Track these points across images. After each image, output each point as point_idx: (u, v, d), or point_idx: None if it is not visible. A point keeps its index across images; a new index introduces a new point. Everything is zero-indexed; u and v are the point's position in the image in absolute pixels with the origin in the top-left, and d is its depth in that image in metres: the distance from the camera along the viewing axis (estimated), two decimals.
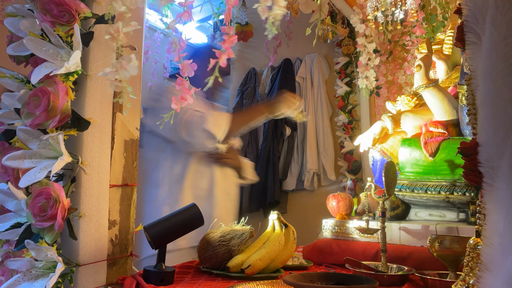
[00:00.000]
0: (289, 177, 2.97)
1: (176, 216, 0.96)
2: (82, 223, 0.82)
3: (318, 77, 2.96)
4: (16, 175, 0.80)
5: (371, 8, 1.40)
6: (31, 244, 0.74)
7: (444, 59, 1.52)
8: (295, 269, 1.17)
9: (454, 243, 0.91)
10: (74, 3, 0.79)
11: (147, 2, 1.36)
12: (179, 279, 0.99)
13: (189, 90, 0.78)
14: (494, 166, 0.60)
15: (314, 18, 0.91)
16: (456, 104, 1.30)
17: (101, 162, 0.86)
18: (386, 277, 0.96)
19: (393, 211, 1.31)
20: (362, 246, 1.22)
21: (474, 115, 0.68)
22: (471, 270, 0.68)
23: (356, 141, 1.52)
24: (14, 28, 0.86)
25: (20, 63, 0.88)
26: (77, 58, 0.76)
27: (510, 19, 0.59)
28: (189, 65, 0.75)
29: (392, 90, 2.32)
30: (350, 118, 2.78)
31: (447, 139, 1.25)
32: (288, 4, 2.35)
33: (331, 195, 1.45)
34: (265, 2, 0.72)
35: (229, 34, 0.75)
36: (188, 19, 0.75)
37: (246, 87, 3.31)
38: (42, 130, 0.78)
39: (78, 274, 0.80)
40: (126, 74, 0.74)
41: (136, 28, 0.78)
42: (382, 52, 2.32)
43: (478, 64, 0.64)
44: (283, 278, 0.82)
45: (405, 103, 1.55)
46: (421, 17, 1.51)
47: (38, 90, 0.75)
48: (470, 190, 1.14)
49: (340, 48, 2.85)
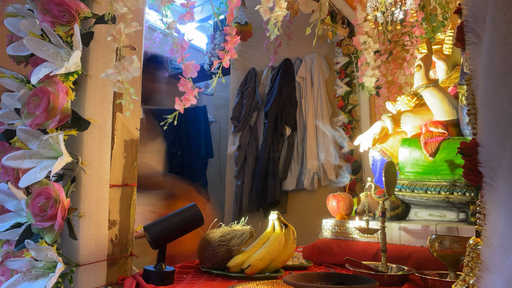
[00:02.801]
0: (289, 177, 2.97)
1: (176, 216, 0.96)
2: (82, 223, 0.81)
3: (318, 77, 2.96)
4: (16, 175, 0.80)
5: (371, 8, 1.40)
6: (31, 244, 0.74)
7: (444, 59, 1.52)
8: (295, 269, 1.17)
9: (454, 243, 0.91)
10: (74, 3, 0.79)
11: (147, 2, 1.36)
12: (179, 279, 0.99)
13: (192, 91, 0.78)
14: (494, 166, 0.60)
15: (314, 18, 0.91)
16: (456, 104, 1.29)
17: (101, 162, 0.86)
18: (386, 277, 0.96)
19: (393, 211, 1.31)
20: (362, 246, 1.22)
21: (474, 115, 0.68)
22: (471, 270, 0.68)
23: (356, 141, 1.52)
24: (14, 28, 0.86)
25: (20, 63, 0.88)
26: (77, 58, 0.76)
27: (510, 19, 0.59)
28: (192, 66, 0.75)
29: (392, 90, 2.32)
30: (350, 118, 2.78)
31: (447, 139, 1.25)
32: (288, 4, 2.35)
33: (331, 195, 1.45)
34: (267, 3, 0.72)
35: (231, 35, 0.75)
36: (190, 19, 0.75)
37: (246, 87, 3.31)
38: (42, 130, 0.78)
39: (78, 274, 0.80)
40: (128, 75, 0.74)
41: (137, 29, 0.78)
42: (382, 52, 2.32)
43: (478, 64, 0.64)
44: (283, 278, 0.82)
45: (405, 103, 1.55)
46: (420, 17, 1.51)
47: (38, 90, 0.75)
48: (470, 190, 1.14)
49: (340, 48, 2.85)
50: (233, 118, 3.28)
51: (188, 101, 0.78)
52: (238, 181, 3.16)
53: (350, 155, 2.75)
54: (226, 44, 0.76)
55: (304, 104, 2.99)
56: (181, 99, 0.81)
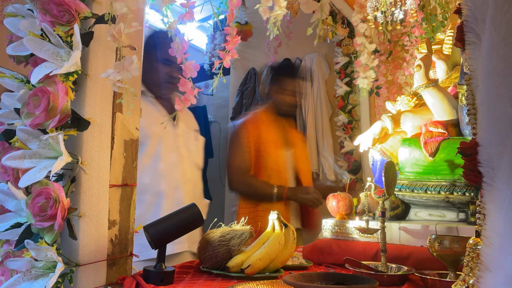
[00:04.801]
0: None
1: (176, 216, 0.96)
2: (82, 223, 0.81)
3: (318, 77, 2.96)
4: (16, 175, 0.80)
5: (371, 8, 1.40)
6: (31, 244, 0.74)
7: (444, 59, 1.52)
8: (295, 269, 1.17)
9: (454, 243, 0.91)
10: (74, 3, 0.79)
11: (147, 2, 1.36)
12: (179, 279, 0.99)
13: (192, 91, 0.78)
14: (494, 166, 0.60)
15: (315, 18, 0.91)
16: (456, 104, 1.29)
17: (101, 162, 0.86)
18: (386, 277, 0.96)
19: (393, 211, 1.31)
20: (362, 246, 1.22)
21: (474, 115, 0.68)
22: (471, 270, 0.68)
23: (356, 141, 1.52)
24: (14, 28, 0.86)
25: (20, 63, 0.88)
26: (76, 58, 0.76)
27: (510, 19, 0.59)
28: (192, 66, 0.75)
29: (392, 90, 2.32)
30: (350, 118, 2.78)
31: (447, 139, 1.25)
32: (288, 4, 2.35)
33: (331, 195, 1.45)
34: (267, 2, 0.72)
35: (232, 35, 0.75)
36: (190, 19, 0.75)
37: (246, 87, 3.31)
38: (42, 130, 0.77)
39: (78, 274, 0.80)
40: (128, 75, 0.74)
41: (137, 29, 0.78)
42: (382, 52, 2.32)
43: (478, 64, 0.64)
44: (283, 278, 0.82)
45: (405, 103, 1.55)
46: (420, 17, 1.50)
47: (38, 90, 0.75)
48: (470, 190, 1.14)
49: (340, 48, 2.85)
50: (233, 118, 3.28)
51: (188, 101, 0.79)
52: None
53: (350, 155, 2.75)
54: (227, 44, 0.76)
55: (304, 104, 2.99)
56: (181, 99, 0.81)
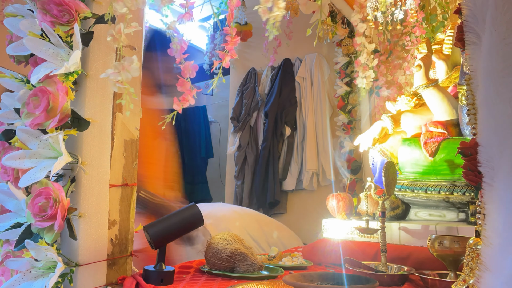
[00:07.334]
0: (289, 177, 2.97)
1: (176, 216, 0.96)
2: (82, 223, 0.81)
3: (318, 77, 2.96)
4: (16, 175, 0.80)
5: (371, 8, 1.40)
6: (31, 244, 0.74)
7: (444, 59, 1.52)
8: (295, 269, 1.17)
9: (454, 243, 0.91)
10: (74, 3, 0.79)
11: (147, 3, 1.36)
12: (179, 279, 0.99)
13: (190, 91, 0.78)
14: (494, 166, 0.60)
15: (315, 19, 0.91)
16: (456, 104, 1.29)
17: (101, 162, 0.86)
18: (386, 277, 0.96)
19: (393, 211, 1.31)
20: (362, 246, 1.22)
21: (474, 115, 0.68)
22: (471, 270, 0.68)
23: (356, 141, 1.52)
24: (14, 28, 0.86)
25: (20, 63, 0.88)
26: (76, 58, 0.76)
27: (509, 19, 0.59)
28: (190, 66, 0.75)
29: (392, 90, 2.32)
30: (350, 118, 2.78)
31: (447, 139, 1.25)
32: (287, 4, 2.35)
33: (331, 195, 1.45)
34: (266, 3, 0.72)
35: (232, 36, 0.75)
36: (189, 19, 0.75)
37: (246, 87, 3.31)
38: (42, 130, 0.77)
39: (78, 274, 0.80)
40: (128, 76, 0.74)
41: (137, 29, 0.78)
42: (382, 52, 2.32)
43: (478, 64, 0.64)
44: (283, 278, 0.82)
45: (405, 103, 1.55)
46: (420, 17, 1.50)
47: (38, 90, 0.75)
48: (470, 190, 1.14)
49: (340, 48, 2.84)
50: (233, 118, 3.28)
51: (186, 101, 0.78)
52: (238, 181, 3.16)
53: (350, 155, 2.75)
54: (226, 45, 0.76)
55: (304, 104, 2.99)
56: (179, 99, 0.81)
